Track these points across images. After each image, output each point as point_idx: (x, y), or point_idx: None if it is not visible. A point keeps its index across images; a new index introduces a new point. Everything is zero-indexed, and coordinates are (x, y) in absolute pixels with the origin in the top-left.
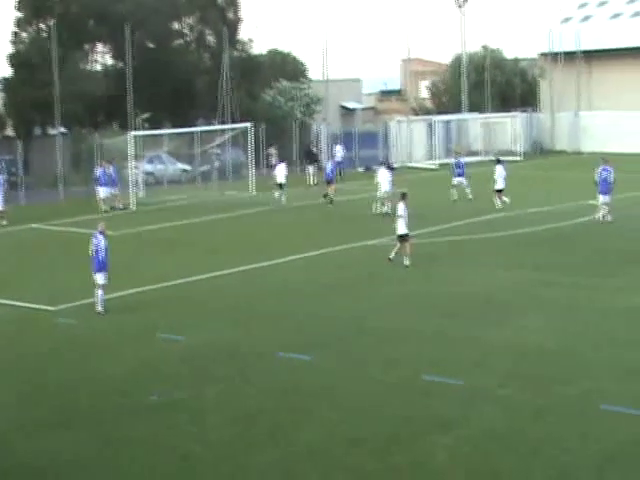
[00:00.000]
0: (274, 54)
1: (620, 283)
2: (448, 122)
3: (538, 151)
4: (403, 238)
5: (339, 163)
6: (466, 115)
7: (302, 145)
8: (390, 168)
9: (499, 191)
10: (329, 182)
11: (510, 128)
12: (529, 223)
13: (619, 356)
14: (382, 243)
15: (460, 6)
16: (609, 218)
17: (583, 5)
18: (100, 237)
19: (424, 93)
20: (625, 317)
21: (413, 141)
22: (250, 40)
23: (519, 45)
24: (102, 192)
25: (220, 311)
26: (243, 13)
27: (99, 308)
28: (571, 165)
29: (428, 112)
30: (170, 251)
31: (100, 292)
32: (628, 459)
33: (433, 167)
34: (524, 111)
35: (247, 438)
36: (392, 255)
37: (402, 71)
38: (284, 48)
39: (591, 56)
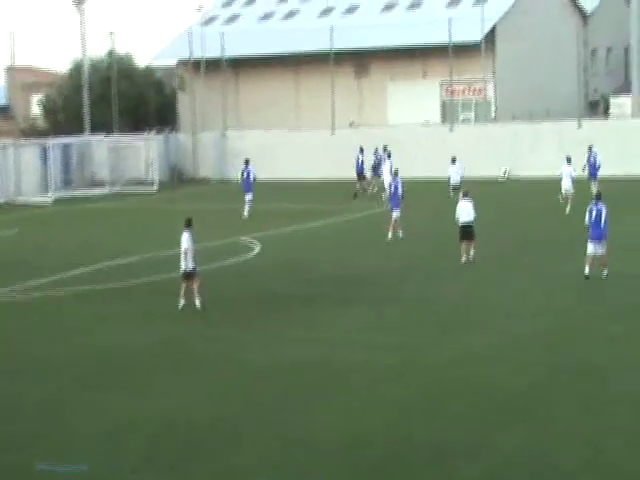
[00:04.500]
0: None
1: (273, 333)
2: (67, 146)
3: (177, 180)
4: (189, 275)
5: None
6: (90, 137)
7: None
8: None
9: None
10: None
11: (144, 152)
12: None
13: (269, 423)
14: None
15: (79, 3)
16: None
17: (228, 3)
18: None
19: (37, 110)
20: (270, 376)
21: (23, 170)
22: None
23: (153, 51)
24: None
25: None
26: None
27: None
28: (217, 196)
29: (42, 133)
30: None
31: None
32: None
33: (47, 202)
34: (161, 131)
35: None
36: (181, 303)
37: (7, 82)
38: None
39: (238, 64)
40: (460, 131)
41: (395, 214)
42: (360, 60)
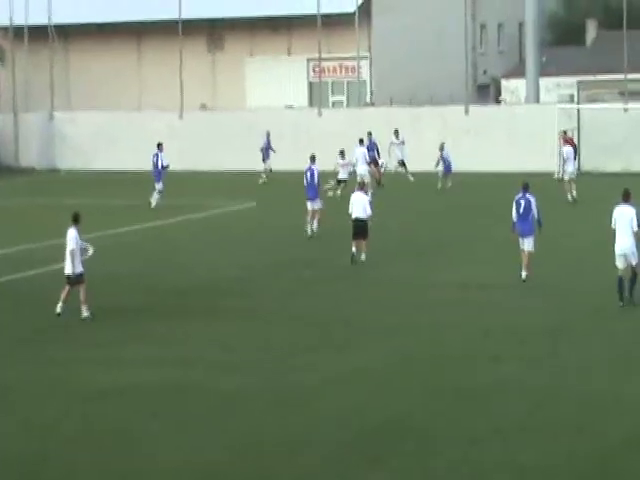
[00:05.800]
0: None
1: (107, 352)
2: None
3: None
4: (75, 280)
5: None
6: None
7: None
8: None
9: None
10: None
11: None
12: None
13: (104, 455)
14: None
15: None
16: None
17: None
18: None
19: None
20: (104, 401)
21: None
22: None
23: None
24: None
25: None
26: None
27: None
28: (44, 188)
29: None
30: None
31: None
32: None
33: None
34: None
35: None
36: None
37: None
38: None
39: (69, 32)
40: (330, 116)
41: (311, 205)
42: (214, 31)
